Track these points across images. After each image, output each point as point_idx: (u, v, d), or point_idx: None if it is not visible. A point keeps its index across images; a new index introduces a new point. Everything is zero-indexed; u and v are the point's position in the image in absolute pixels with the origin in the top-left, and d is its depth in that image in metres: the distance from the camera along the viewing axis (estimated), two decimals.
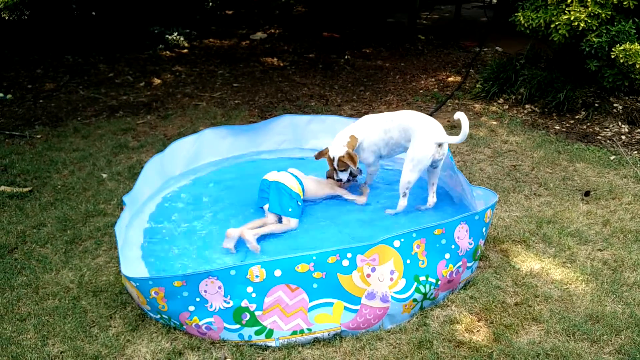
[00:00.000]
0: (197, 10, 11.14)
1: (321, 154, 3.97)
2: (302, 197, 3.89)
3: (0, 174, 4.74)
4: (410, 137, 3.77)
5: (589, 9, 5.15)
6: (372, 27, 10.55)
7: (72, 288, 3.26)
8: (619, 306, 3.08)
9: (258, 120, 5.96)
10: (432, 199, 3.91)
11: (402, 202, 3.82)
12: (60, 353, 2.78)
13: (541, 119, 5.93)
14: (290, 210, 3.71)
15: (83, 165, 4.93)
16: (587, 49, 5.29)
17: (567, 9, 5.30)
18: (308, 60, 8.70)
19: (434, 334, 2.88)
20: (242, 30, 10.71)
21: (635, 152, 5.10)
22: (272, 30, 10.61)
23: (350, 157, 3.80)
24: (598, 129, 5.63)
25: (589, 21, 5.17)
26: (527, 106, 6.20)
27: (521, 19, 5.72)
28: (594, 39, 5.21)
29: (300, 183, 3.92)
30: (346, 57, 8.78)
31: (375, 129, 3.91)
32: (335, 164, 3.86)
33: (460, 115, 3.55)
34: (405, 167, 3.74)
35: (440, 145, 3.69)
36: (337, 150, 3.83)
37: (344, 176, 3.93)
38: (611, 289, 3.21)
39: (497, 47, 8.94)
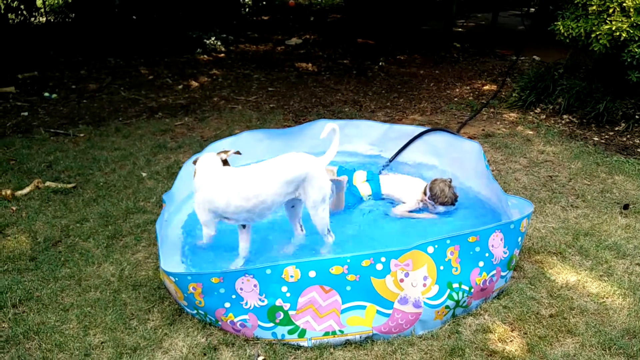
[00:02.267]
0: (234, 15, 11.37)
1: None
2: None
3: (45, 170, 4.95)
4: (299, 186, 3.34)
5: (632, 19, 5.06)
6: (407, 34, 10.56)
7: (113, 281, 3.38)
8: None
9: (292, 124, 6.04)
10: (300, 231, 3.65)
11: (330, 239, 3.52)
12: (101, 343, 2.88)
13: (579, 129, 5.83)
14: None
15: (124, 164, 5.09)
16: (629, 60, 5.19)
17: (608, 18, 5.21)
18: (342, 66, 8.76)
19: (467, 342, 2.87)
20: (277, 35, 10.86)
21: None
22: (307, 36, 10.73)
23: None
24: (638, 141, 5.50)
25: (631, 31, 5.08)
26: (565, 116, 6.11)
27: (561, 28, 5.65)
28: (636, 50, 5.11)
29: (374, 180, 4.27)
30: (380, 63, 8.81)
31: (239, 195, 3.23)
32: None
33: (332, 126, 3.56)
34: (317, 211, 3.35)
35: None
36: None
37: None
38: None
39: (535, 56, 8.82)
